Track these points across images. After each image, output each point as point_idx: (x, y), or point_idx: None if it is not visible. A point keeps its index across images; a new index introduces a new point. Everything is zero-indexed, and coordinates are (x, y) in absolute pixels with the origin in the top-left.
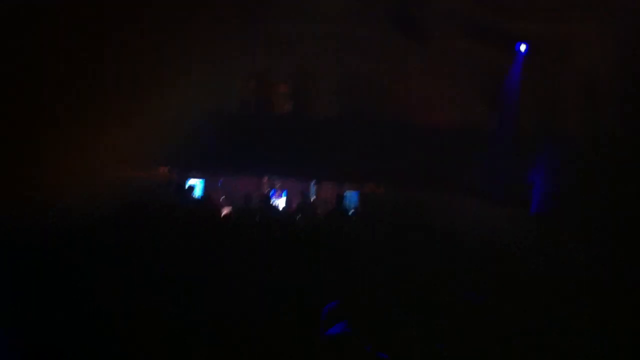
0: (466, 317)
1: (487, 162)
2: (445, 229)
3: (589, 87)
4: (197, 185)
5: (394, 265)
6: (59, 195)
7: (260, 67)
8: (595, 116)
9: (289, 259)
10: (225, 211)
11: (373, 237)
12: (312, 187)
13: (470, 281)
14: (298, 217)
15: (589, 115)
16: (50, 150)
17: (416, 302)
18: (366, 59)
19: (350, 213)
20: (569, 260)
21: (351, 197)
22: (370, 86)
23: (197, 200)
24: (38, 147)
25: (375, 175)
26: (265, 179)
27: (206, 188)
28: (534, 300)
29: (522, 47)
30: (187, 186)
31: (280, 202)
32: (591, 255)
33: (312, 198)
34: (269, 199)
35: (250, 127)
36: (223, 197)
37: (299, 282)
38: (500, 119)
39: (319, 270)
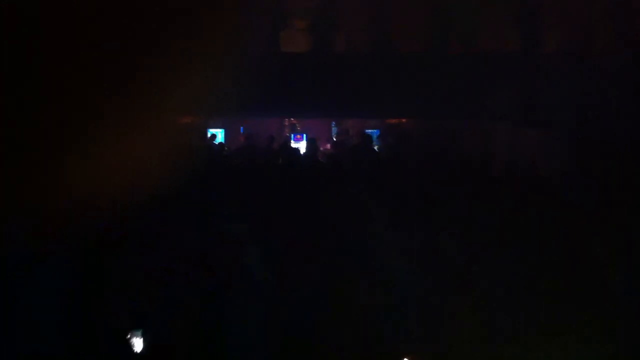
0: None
1: (514, 85)
2: (473, 155)
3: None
4: (218, 133)
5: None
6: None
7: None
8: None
9: (313, 195)
10: (249, 156)
11: (399, 167)
12: (333, 127)
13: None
14: (320, 155)
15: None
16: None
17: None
18: None
19: (374, 148)
20: (599, 181)
21: (373, 134)
22: (389, 18)
23: (223, 148)
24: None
25: (399, 109)
26: (286, 121)
27: (228, 135)
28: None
29: None
30: (210, 135)
31: (302, 144)
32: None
33: (334, 137)
34: (290, 141)
35: (268, 67)
36: (246, 143)
37: (328, 217)
38: (524, 39)
39: (345, 202)
